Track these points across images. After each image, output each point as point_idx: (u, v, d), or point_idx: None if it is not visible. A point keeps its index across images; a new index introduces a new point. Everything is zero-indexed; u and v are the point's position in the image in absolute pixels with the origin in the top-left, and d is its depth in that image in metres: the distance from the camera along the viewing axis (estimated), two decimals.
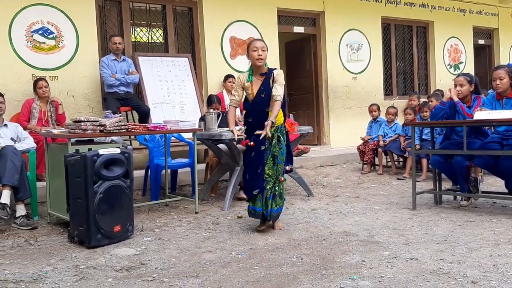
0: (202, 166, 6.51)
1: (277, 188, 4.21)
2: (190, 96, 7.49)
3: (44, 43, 6.69)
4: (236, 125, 4.61)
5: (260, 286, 2.99)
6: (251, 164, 4.21)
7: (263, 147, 4.14)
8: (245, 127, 4.34)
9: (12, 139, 5.09)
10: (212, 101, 6.25)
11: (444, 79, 11.27)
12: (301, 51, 9.89)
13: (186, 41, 8.22)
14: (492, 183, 6.22)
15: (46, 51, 6.71)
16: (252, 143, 4.16)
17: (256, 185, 4.16)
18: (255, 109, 4.21)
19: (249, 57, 4.20)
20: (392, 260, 3.41)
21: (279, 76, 4.18)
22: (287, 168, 4.35)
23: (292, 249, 3.72)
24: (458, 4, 11.53)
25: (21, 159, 4.70)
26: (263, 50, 4.13)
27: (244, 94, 4.32)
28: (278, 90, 4.11)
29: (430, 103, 7.38)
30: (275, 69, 4.26)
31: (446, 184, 5.58)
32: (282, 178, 4.23)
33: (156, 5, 7.88)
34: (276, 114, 4.09)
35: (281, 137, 4.20)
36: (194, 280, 3.13)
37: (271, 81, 4.17)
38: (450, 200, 5.43)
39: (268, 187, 4.17)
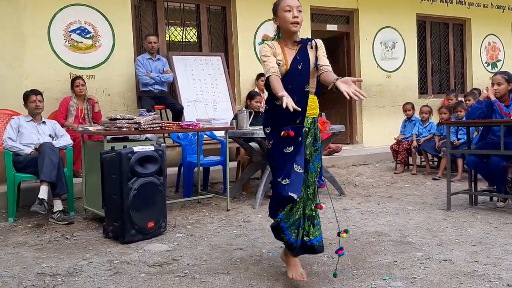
0: (234, 164, 6.54)
1: (310, 208, 3.09)
2: (222, 95, 7.55)
3: (81, 42, 6.85)
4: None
5: (290, 285, 3.00)
6: (290, 161, 2.96)
7: (300, 138, 2.99)
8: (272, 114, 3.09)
9: (50, 136, 5.24)
10: (255, 95, 6.42)
11: (481, 77, 10.99)
12: (334, 49, 9.81)
13: (220, 40, 8.28)
14: None
15: (84, 51, 6.87)
16: (291, 131, 2.95)
17: (297, 188, 2.93)
18: (292, 86, 2.97)
19: (279, 21, 3.07)
20: (425, 261, 3.36)
21: (323, 46, 3.14)
22: (318, 183, 3.16)
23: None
24: (497, 1, 11.22)
25: (58, 156, 4.83)
26: (299, 11, 3.03)
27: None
28: (326, 61, 3.09)
29: (467, 102, 7.23)
30: (311, 38, 3.16)
31: (482, 185, 5.46)
32: (321, 205, 3.14)
33: (190, 4, 7.96)
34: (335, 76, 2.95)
35: (318, 135, 3.14)
36: (225, 277, 3.17)
37: (310, 50, 3.09)
38: (486, 201, 5.31)
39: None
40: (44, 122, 5.32)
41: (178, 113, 6.82)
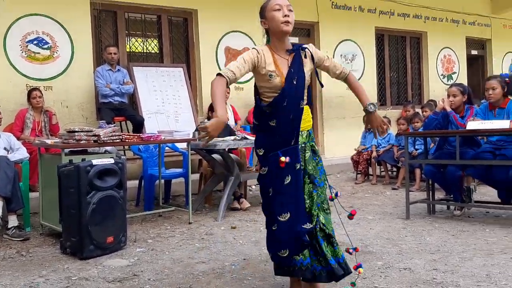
0: (196, 176, 6.50)
1: (327, 226, 2.84)
2: (184, 106, 7.50)
3: (38, 53, 6.69)
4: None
5: None
6: (289, 196, 2.69)
7: (298, 165, 2.71)
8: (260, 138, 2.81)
9: (5, 149, 5.07)
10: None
11: (437, 89, 11.33)
12: None
13: (181, 51, 8.24)
14: (485, 192, 6.24)
15: (41, 61, 6.71)
16: (286, 158, 2.65)
17: (306, 222, 2.71)
18: (287, 105, 2.68)
19: (267, 23, 2.73)
20: (386, 270, 3.41)
21: (318, 50, 2.93)
22: (332, 195, 2.93)
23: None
24: (451, 15, 11.63)
25: (14, 170, 4.69)
26: (290, 10, 2.71)
27: (242, 78, 2.76)
28: (338, 63, 2.93)
29: (424, 113, 7.42)
30: (302, 44, 2.91)
31: (440, 194, 5.60)
32: (354, 210, 3.04)
33: (152, 16, 7.91)
34: (364, 91, 2.93)
35: (316, 148, 2.88)
36: None
37: (304, 60, 2.79)
38: (444, 210, 5.44)
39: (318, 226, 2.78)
40: None
41: (138, 125, 6.74)
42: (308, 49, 2.82)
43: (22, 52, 6.57)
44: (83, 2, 7.01)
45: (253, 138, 3.83)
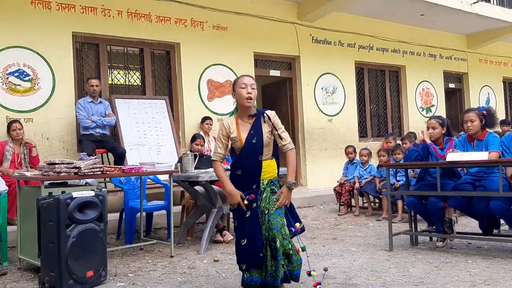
0: (178, 208, 6.43)
1: (278, 250, 3.41)
2: (166, 138, 7.48)
3: (19, 85, 6.66)
4: None
5: None
6: (251, 225, 3.44)
7: (255, 205, 3.46)
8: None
9: None
10: (197, 137, 6.39)
11: (417, 121, 11.53)
12: (278, 94, 10.03)
13: (164, 84, 8.28)
14: (467, 223, 6.28)
15: (22, 93, 6.67)
16: (246, 201, 3.44)
17: (258, 249, 3.39)
18: (246, 159, 3.49)
19: (235, 96, 3.54)
20: None
21: (276, 118, 3.55)
22: (297, 226, 3.64)
23: None
24: (429, 50, 11.93)
25: None
26: (252, 88, 3.49)
27: (229, 144, 3.60)
28: (287, 135, 3.56)
29: (403, 145, 7.51)
30: (265, 110, 3.60)
31: (422, 225, 5.61)
32: (299, 249, 3.57)
33: (134, 48, 7.96)
34: (293, 168, 3.52)
35: (276, 191, 3.55)
36: None
37: (262, 124, 3.52)
38: (426, 241, 5.45)
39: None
40: None
41: (120, 157, 6.69)
42: (267, 114, 3.53)
43: (3, 84, 6.53)
44: (65, 35, 7.03)
45: None
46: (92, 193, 4.07)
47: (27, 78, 6.72)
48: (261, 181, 3.49)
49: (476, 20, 11.23)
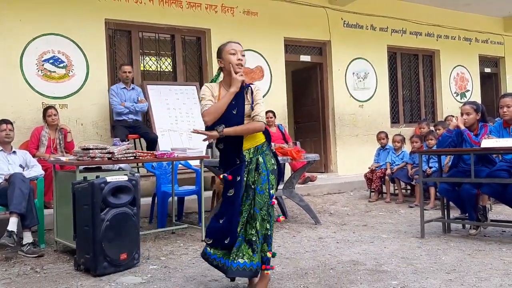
0: (209, 193, 6.50)
1: (255, 233, 3.27)
2: (197, 124, 7.53)
3: (54, 72, 6.80)
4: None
5: None
6: (227, 204, 3.32)
7: (238, 178, 3.27)
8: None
9: (20, 166, 5.14)
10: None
11: (450, 107, 11.28)
12: (308, 80, 9.97)
13: (195, 70, 8.32)
14: (501, 211, 6.16)
15: (57, 80, 6.82)
16: (228, 175, 3.30)
17: (229, 233, 3.26)
18: (227, 126, 3.26)
19: (223, 63, 3.36)
20: None
21: (259, 91, 3.39)
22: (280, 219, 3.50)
23: (299, 278, 3.68)
24: (464, 33, 11.62)
25: (29, 187, 4.73)
26: (242, 55, 3.35)
27: None
28: (261, 109, 3.31)
29: (437, 131, 7.38)
30: (251, 84, 3.40)
31: (455, 213, 5.53)
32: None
33: (165, 35, 8.01)
34: (239, 130, 3.24)
35: (263, 161, 3.32)
36: None
37: (246, 96, 3.34)
38: (459, 229, 5.37)
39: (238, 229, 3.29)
40: (14, 152, 5.22)
41: (152, 143, 6.78)
42: (251, 87, 3.35)
43: (38, 71, 6.68)
44: (98, 22, 7.13)
45: None
46: (125, 178, 4.15)
47: (61, 65, 6.86)
48: (246, 151, 3.31)
49: None
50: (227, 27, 8.24)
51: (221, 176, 3.36)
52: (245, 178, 3.29)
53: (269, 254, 3.31)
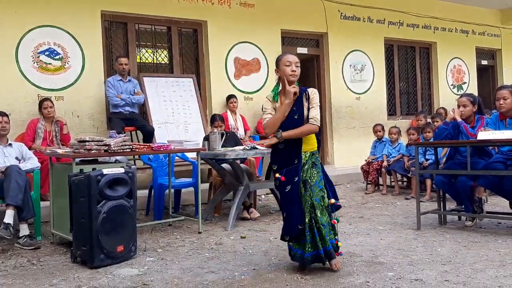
0: (206, 185, 6.50)
1: (320, 219, 3.56)
2: (194, 116, 7.54)
3: (50, 64, 6.77)
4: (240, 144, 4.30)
5: None
6: (289, 200, 3.60)
7: (296, 178, 3.57)
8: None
9: (16, 158, 5.12)
10: (215, 119, 6.26)
11: (447, 99, 11.29)
12: (305, 72, 9.92)
13: (191, 62, 8.30)
14: (497, 203, 6.18)
15: (52, 72, 6.78)
16: (282, 177, 3.60)
17: (299, 219, 3.54)
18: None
19: (279, 73, 3.69)
20: (397, 281, 3.38)
21: (315, 95, 3.69)
22: (332, 201, 3.67)
23: (296, 270, 3.69)
24: (461, 25, 11.62)
25: (25, 179, 4.72)
26: (297, 66, 3.65)
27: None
28: (315, 113, 3.61)
29: (434, 123, 7.39)
30: (308, 87, 3.76)
31: (451, 204, 5.55)
32: (334, 220, 3.68)
33: (162, 27, 7.98)
34: (297, 133, 3.56)
35: (317, 163, 3.68)
36: None
37: (304, 100, 3.66)
38: (455, 221, 5.39)
39: (306, 219, 3.56)
40: (10, 145, 5.20)
41: (149, 135, 6.78)
42: (308, 92, 3.70)
43: (34, 63, 6.65)
44: (94, 14, 7.09)
45: (263, 148, 5.26)
46: (122, 170, 4.14)
47: (57, 57, 6.83)
48: (303, 154, 3.61)
49: None
50: (224, 19, 8.21)
51: (276, 175, 3.63)
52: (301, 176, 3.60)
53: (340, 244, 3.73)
